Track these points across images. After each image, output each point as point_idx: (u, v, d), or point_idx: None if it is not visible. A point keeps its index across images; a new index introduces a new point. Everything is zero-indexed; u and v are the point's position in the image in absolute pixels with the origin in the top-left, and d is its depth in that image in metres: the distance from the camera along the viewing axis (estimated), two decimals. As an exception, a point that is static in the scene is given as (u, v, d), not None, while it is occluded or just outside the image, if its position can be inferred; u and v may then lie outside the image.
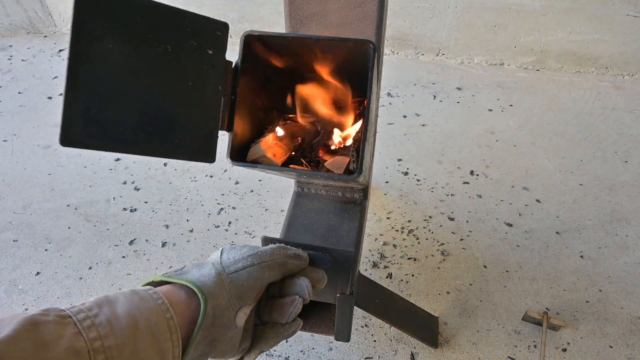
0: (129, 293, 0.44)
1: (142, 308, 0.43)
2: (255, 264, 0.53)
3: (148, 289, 0.46)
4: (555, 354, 1.09)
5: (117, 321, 0.40)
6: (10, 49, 2.21)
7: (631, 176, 1.51)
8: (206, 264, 0.52)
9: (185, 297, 0.48)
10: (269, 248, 0.56)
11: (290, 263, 0.56)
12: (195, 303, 0.48)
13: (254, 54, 0.66)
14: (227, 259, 0.53)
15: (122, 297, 0.43)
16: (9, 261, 1.31)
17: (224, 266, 0.52)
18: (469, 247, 1.31)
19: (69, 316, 0.39)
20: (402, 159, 1.59)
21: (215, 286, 0.49)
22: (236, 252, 0.54)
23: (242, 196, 1.48)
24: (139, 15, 0.52)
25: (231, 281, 0.50)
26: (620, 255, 1.28)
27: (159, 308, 0.44)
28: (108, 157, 1.62)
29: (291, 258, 0.56)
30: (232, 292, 0.50)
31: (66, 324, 0.38)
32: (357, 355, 1.09)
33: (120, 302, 0.42)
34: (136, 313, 0.42)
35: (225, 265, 0.52)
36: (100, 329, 0.39)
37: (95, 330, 0.38)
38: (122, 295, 0.44)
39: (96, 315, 0.40)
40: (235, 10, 2.10)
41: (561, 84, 1.92)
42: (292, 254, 0.57)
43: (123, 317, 0.40)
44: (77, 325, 0.38)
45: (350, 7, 0.77)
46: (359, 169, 0.63)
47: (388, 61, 2.06)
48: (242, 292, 0.51)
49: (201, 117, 0.60)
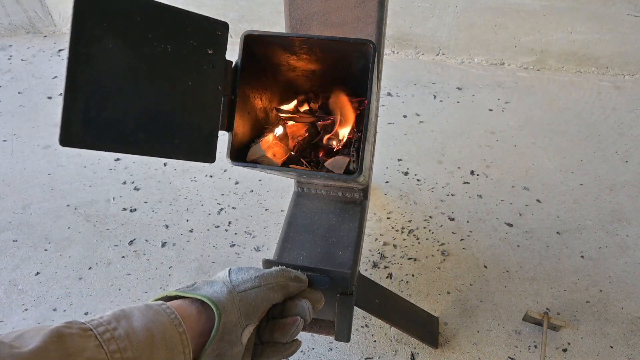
0: (143, 307, 0.46)
1: (157, 322, 0.45)
2: (262, 285, 0.55)
3: (161, 304, 0.48)
4: (555, 354, 1.09)
5: (134, 334, 0.42)
6: (10, 48, 2.21)
7: (632, 176, 1.51)
8: (216, 282, 0.55)
9: (196, 312, 0.50)
10: (273, 270, 0.59)
11: (291, 285, 0.59)
12: (204, 318, 0.50)
13: (254, 53, 0.66)
14: (236, 279, 0.55)
15: (137, 311, 0.45)
16: (9, 261, 1.30)
17: (234, 285, 0.54)
18: (469, 247, 1.31)
19: (89, 329, 0.41)
20: (402, 159, 1.59)
21: (228, 302, 0.51)
22: (244, 273, 0.57)
23: (242, 196, 1.47)
24: (138, 15, 0.52)
25: (241, 299, 0.53)
26: (620, 255, 1.28)
27: (172, 322, 0.46)
28: (108, 157, 1.62)
29: (292, 280, 0.60)
30: (241, 310, 0.52)
31: (88, 336, 0.40)
32: (357, 356, 1.09)
33: (136, 316, 0.44)
34: (152, 327, 0.44)
35: (235, 284, 0.54)
36: (119, 342, 0.41)
37: (114, 343, 0.41)
38: (137, 309, 0.46)
39: (115, 329, 0.42)
40: (235, 10, 2.10)
41: (561, 83, 1.92)
42: (293, 276, 0.60)
43: (140, 330, 0.43)
44: (97, 338, 0.40)
45: (350, 7, 0.77)
46: (359, 169, 0.63)
47: (388, 61, 2.06)
48: (250, 311, 0.53)
49: (201, 117, 0.59)
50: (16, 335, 0.38)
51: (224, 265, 1.28)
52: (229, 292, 0.52)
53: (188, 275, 1.26)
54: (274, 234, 1.35)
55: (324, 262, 0.87)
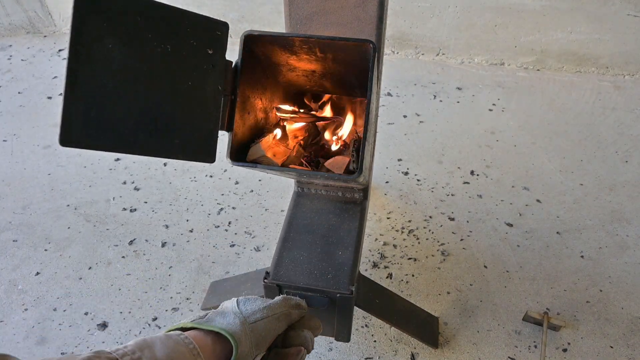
0: (164, 337, 0.48)
1: (178, 352, 0.47)
2: (269, 316, 0.58)
3: (179, 334, 0.50)
4: (555, 354, 1.09)
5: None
6: (10, 48, 2.21)
7: (632, 176, 1.51)
8: (228, 313, 0.56)
9: (212, 343, 0.52)
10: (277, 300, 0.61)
11: (293, 313, 0.61)
12: (219, 349, 0.52)
13: (254, 53, 0.66)
14: (246, 310, 0.57)
15: (159, 341, 0.47)
16: (9, 261, 1.30)
17: (245, 316, 0.56)
18: (469, 247, 1.31)
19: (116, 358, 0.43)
20: (402, 159, 1.59)
21: (242, 334, 0.53)
22: (252, 304, 0.59)
23: (242, 196, 1.47)
24: (138, 15, 0.52)
25: (252, 330, 0.55)
26: (620, 255, 1.28)
27: (191, 352, 0.48)
28: (108, 157, 1.62)
29: (294, 308, 0.62)
30: (252, 341, 0.54)
31: None
32: (357, 356, 1.09)
33: (158, 346, 0.47)
34: (173, 356, 0.46)
35: (246, 315, 0.56)
36: None
37: None
38: (158, 339, 0.48)
39: (139, 359, 0.44)
40: (235, 10, 2.10)
41: (561, 84, 1.92)
42: (294, 304, 0.62)
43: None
44: None
45: (350, 7, 0.77)
46: (359, 169, 0.63)
47: (388, 61, 2.06)
48: (260, 341, 0.55)
49: (201, 117, 0.59)
50: None
51: (224, 265, 1.28)
52: (242, 323, 0.55)
53: (188, 275, 1.26)
54: (274, 234, 1.35)
55: (324, 261, 0.87)
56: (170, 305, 1.19)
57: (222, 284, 1.20)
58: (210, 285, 1.22)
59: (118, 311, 1.18)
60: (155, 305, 1.19)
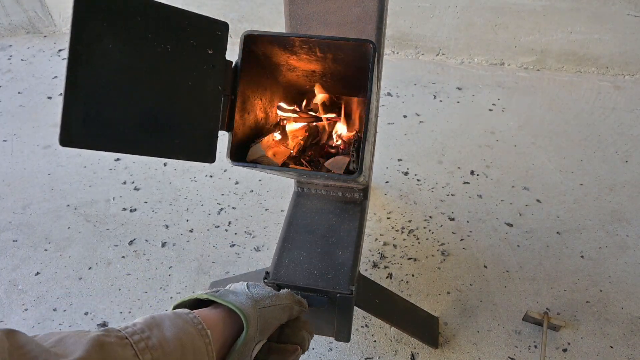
0: (173, 316, 0.48)
1: (187, 332, 0.46)
2: (276, 305, 0.58)
3: (188, 313, 0.49)
4: (555, 354, 1.09)
5: (167, 344, 0.44)
6: (10, 48, 2.21)
7: (632, 176, 1.51)
8: (240, 293, 0.56)
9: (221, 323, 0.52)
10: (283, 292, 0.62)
11: (295, 308, 0.62)
12: (228, 330, 0.52)
13: (254, 53, 0.66)
14: (257, 294, 0.57)
15: (168, 319, 0.47)
16: (9, 261, 1.30)
17: (256, 300, 0.56)
18: (469, 247, 1.31)
19: (125, 337, 0.42)
20: (402, 159, 1.59)
21: (252, 315, 0.53)
22: (261, 289, 0.59)
23: (242, 196, 1.47)
24: (138, 15, 0.52)
25: (260, 315, 0.54)
26: (620, 255, 1.28)
27: (199, 332, 0.48)
28: (108, 157, 1.62)
29: (296, 304, 0.62)
30: (259, 325, 0.54)
31: (124, 345, 0.41)
32: (357, 356, 1.09)
33: (167, 325, 0.46)
34: (182, 337, 0.45)
35: (257, 299, 0.56)
36: (153, 352, 0.42)
37: (149, 353, 0.42)
38: (167, 317, 0.47)
39: (148, 338, 0.43)
40: (235, 10, 2.10)
41: (561, 83, 1.92)
42: (297, 299, 0.63)
43: (172, 340, 0.44)
44: (133, 347, 0.42)
45: (350, 7, 0.77)
46: (359, 169, 0.63)
47: (388, 61, 2.06)
48: (265, 328, 0.55)
49: (201, 116, 0.59)
50: (56, 340, 0.38)
51: (224, 265, 1.28)
52: (254, 305, 0.54)
53: (188, 275, 1.26)
54: (274, 234, 1.35)
55: (324, 261, 0.87)
56: (170, 305, 1.19)
57: (222, 284, 1.20)
58: (210, 285, 1.22)
59: (118, 311, 1.18)
60: (155, 305, 1.19)
